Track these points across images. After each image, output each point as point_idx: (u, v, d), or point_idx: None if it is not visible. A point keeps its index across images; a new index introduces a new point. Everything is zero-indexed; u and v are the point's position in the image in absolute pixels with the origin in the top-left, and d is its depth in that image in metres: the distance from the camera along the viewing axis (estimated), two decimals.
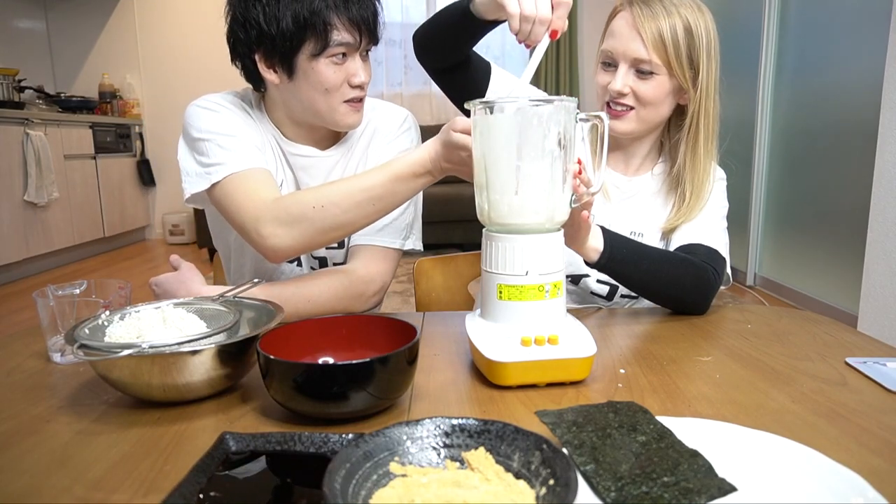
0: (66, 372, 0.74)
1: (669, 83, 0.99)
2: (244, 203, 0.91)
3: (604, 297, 1.09)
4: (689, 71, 0.98)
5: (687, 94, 1.02)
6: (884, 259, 2.21)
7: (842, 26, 2.87)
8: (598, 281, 1.07)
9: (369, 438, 0.45)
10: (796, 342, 0.82)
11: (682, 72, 0.98)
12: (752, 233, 3.58)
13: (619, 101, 1.01)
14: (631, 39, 0.97)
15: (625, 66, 0.99)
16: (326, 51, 0.92)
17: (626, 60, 0.98)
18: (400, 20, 5.39)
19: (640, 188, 1.11)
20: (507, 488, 0.42)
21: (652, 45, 0.96)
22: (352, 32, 0.93)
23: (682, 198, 1.06)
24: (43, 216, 3.97)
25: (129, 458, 0.53)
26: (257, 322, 0.74)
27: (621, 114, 1.02)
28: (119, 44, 5.24)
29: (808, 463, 0.47)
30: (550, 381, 0.68)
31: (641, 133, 1.06)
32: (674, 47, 0.96)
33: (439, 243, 4.37)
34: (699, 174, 1.05)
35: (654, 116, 1.03)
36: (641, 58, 0.97)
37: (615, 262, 0.88)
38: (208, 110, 1.01)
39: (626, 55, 0.98)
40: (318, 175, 1.08)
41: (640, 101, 1.00)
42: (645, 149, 1.10)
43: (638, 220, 1.09)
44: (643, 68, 0.98)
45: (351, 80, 0.96)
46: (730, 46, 3.94)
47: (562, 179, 0.72)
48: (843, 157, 2.84)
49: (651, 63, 0.97)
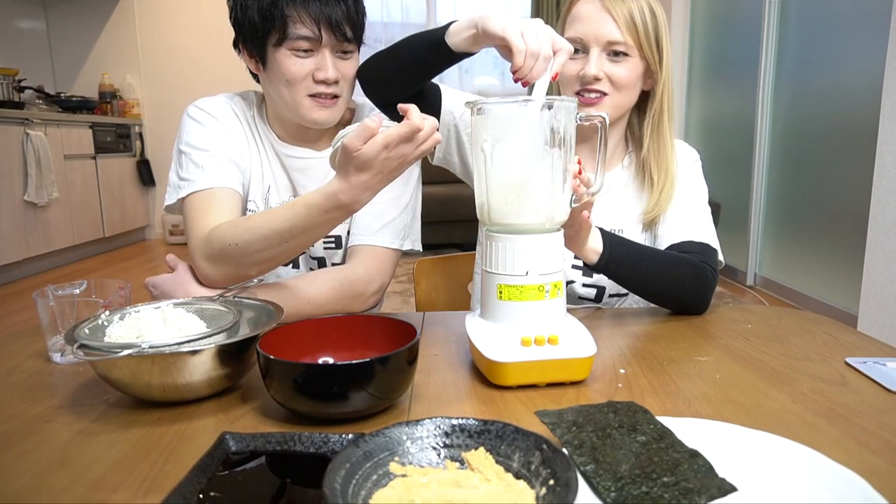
0: (66, 372, 0.74)
1: (640, 65, 1.00)
2: (193, 228, 0.95)
3: (592, 300, 1.08)
4: (656, 52, 0.99)
5: (650, 79, 1.03)
6: (884, 259, 2.21)
7: (842, 26, 2.87)
8: (583, 285, 1.06)
9: (369, 438, 0.45)
10: (796, 342, 0.82)
11: (651, 52, 0.99)
12: (752, 233, 3.58)
13: (592, 87, 0.99)
14: (602, 22, 0.97)
15: (597, 49, 0.98)
16: (286, 42, 0.95)
17: (599, 44, 0.98)
18: (400, 20, 5.39)
19: (613, 182, 1.09)
20: (507, 488, 0.42)
21: (625, 26, 0.96)
22: (311, 27, 0.94)
23: (652, 182, 1.05)
24: (43, 216, 3.97)
25: (129, 458, 0.53)
26: (257, 322, 0.74)
27: (595, 101, 1.00)
28: (119, 44, 5.24)
29: (808, 463, 0.47)
30: (550, 381, 0.68)
31: (613, 120, 1.04)
32: (643, 27, 0.97)
33: (439, 243, 4.37)
34: (666, 155, 1.05)
35: (626, 102, 1.02)
36: (615, 39, 0.96)
37: (615, 264, 0.88)
38: (195, 122, 1.04)
39: (599, 38, 0.97)
40: (316, 176, 1.07)
41: (615, 85, 0.99)
42: (613, 140, 1.09)
43: (616, 216, 1.08)
44: (617, 49, 0.97)
45: (315, 75, 0.97)
46: (730, 46, 3.97)
47: (562, 179, 0.72)
48: (843, 157, 2.84)
49: (625, 44, 0.97)
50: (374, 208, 1.06)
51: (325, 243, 1.10)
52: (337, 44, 0.97)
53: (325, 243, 1.10)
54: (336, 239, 1.10)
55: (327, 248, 1.10)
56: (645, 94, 1.06)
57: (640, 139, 1.08)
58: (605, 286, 1.07)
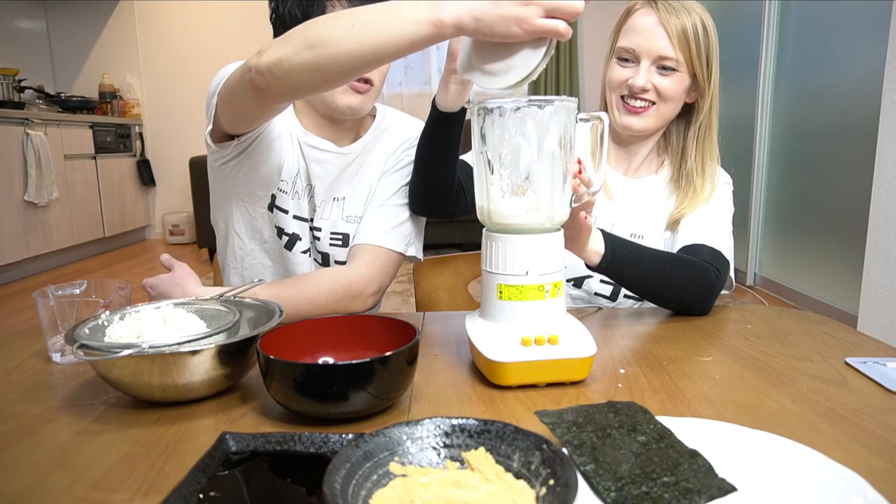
0: (66, 372, 0.74)
1: (687, 79, 1.02)
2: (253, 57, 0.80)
3: (607, 297, 1.09)
4: (705, 69, 1.01)
5: (694, 93, 1.05)
6: (884, 259, 2.21)
7: (842, 26, 2.87)
8: (601, 281, 1.07)
9: (369, 438, 0.45)
10: (796, 342, 0.82)
11: (700, 69, 1.01)
12: (752, 233, 3.58)
13: (640, 96, 1.02)
14: (656, 36, 0.99)
15: (647, 61, 1.01)
16: None
17: (650, 57, 1.00)
18: None
19: (644, 190, 1.11)
20: (507, 488, 0.42)
21: (678, 42, 0.98)
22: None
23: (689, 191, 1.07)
24: (43, 216, 3.97)
25: (129, 458, 0.53)
26: (257, 322, 0.74)
27: (641, 110, 1.03)
28: (119, 44, 5.24)
29: (808, 463, 0.47)
30: (550, 381, 0.68)
31: (655, 130, 1.07)
32: (695, 44, 0.99)
33: (439, 243, 4.37)
34: (713, 165, 1.08)
35: (670, 113, 1.05)
36: (666, 55, 0.99)
37: (617, 265, 0.88)
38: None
39: (651, 52, 1.00)
40: (332, 170, 1.09)
41: (661, 97, 1.02)
42: (647, 148, 1.11)
43: (639, 222, 1.09)
44: (667, 65, 1.00)
45: None
46: (730, 46, 3.96)
47: (562, 179, 0.72)
48: (843, 157, 2.84)
49: (676, 60, 0.99)
50: (384, 211, 1.08)
51: (332, 239, 1.11)
52: None
53: (332, 239, 1.11)
54: (343, 237, 1.11)
55: (333, 245, 1.11)
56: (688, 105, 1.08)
57: (679, 150, 1.10)
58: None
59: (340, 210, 1.10)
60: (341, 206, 1.10)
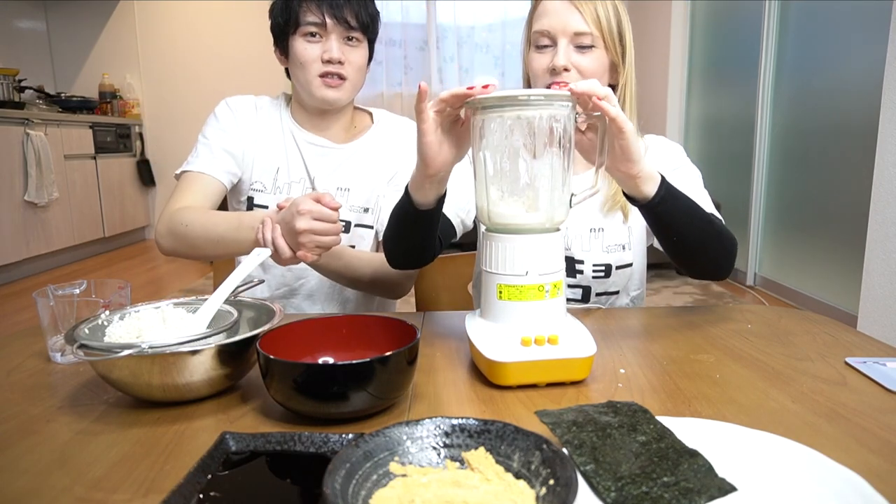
0: (66, 372, 0.74)
1: (606, 57, 1.01)
2: (171, 201, 1.13)
3: (578, 301, 1.08)
4: (619, 46, 1.01)
5: (615, 74, 1.04)
6: (884, 259, 2.21)
7: (842, 26, 2.87)
8: (568, 286, 1.05)
9: (369, 438, 0.45)
10: (796, 342, 0.82)
11: (614, 46, 1.00)
12: (752, 233, 3.58)
13: (562, 79, 1.00)
14: (569, 14, 0.98)
15: (564, 40, 0.99)
16: (299, 29, 1.11)
17: (567, 35, 0.99)
18: (400, 20, 5.39)
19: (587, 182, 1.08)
20: (507, 488, 0.42)
21: (590, 19, 0.98)
22: (316, 14, 1.09)
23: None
24: (43, 216, 3.97)
25: (129, 458, 0.53)
26: (257, 322, 0.74)
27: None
28: (119, 44, 5.24)
29: (808, 463, 0.47)
30: (550, 381, 0.68)
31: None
32: (607, 21, 0.99)
33: None
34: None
35: None
36: (582, 30, 0.98)
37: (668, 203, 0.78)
38: (213, 114, 1.21)
39: (567, 30, 0.99)
40: (330, 164, 1.19)
41: (583, 76, 0.99)
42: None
43: (594, 217, 1.08)
44: (583, 42, 0.99)
45: (323, 56, 1.11)
46: (730, 46, 3.97)
47: (562, 179, 0.72)
48: (843, 157, 2.84)
49: (591, 35, 0.98)
50: None
51: None
52: (343, 31, 1.11)
53: None
54: (346, 224, 1.19)
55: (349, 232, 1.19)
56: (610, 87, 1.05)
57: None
58: (590, 285, 1.06)
59: (345, 200, 1.19)
60: (346, 196, 1.20)
